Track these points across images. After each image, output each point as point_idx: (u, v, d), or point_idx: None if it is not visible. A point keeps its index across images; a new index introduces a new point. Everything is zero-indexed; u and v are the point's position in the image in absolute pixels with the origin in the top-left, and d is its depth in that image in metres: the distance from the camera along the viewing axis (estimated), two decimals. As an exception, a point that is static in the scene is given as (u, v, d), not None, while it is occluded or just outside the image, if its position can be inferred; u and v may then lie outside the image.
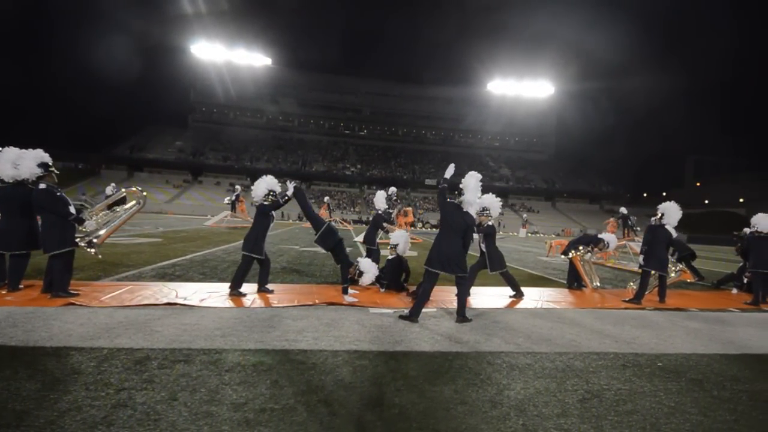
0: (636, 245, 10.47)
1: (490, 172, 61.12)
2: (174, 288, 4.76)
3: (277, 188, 4.75)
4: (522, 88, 61.39)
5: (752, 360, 3.37)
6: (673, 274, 5.97)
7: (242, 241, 4.67)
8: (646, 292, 5.78)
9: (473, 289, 5.53)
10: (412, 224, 19.29)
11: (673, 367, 3.06)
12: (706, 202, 52.73)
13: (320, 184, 54.34)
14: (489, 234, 5.30)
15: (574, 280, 6.52)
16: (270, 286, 5.05)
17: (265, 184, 4.66)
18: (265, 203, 4.60)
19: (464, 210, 3.97)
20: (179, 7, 56.30)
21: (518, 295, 5.42)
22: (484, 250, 5.37)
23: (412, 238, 15.31)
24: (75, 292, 4.18)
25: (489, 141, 67.79)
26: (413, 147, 64.86)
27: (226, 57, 56.72)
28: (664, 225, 5.70)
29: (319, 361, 2.77)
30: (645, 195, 66.06)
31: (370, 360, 2.84)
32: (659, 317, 4.80)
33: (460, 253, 3.94)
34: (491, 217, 5.33)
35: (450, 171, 4.26)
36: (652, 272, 5.64)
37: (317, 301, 4.48)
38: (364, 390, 2.36)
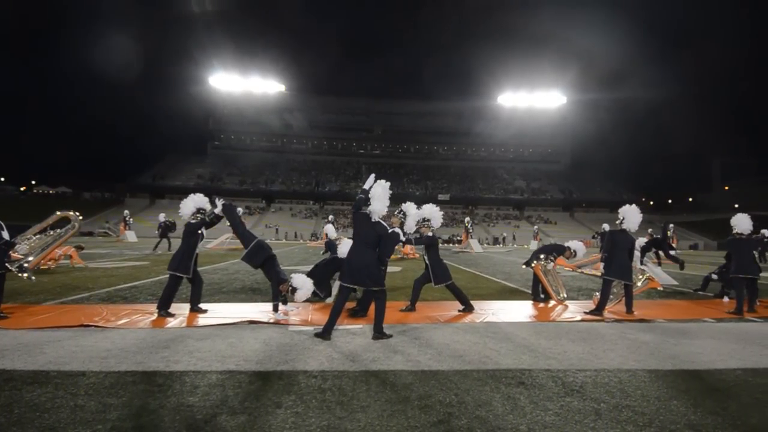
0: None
1: (505, 185, 60.16)
2: (107, 309, 4.78)
3: (207, 206, 4.74)
4: (533, 99, 60.59)
5: (683, 377, 2.99)
6: (639, 283, 5.52)
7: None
8: (610, 304, 5.38)
9: (420, 304, 5.29)
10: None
11: (579, 385, 2.75)
12: (736, 206, 49.74)
13: (333, 204, 54.92)
14: (430, 245, 5.10)
15: (540, 292, 6.15)
16: (207, 305, 4.99)
17: (193, 203, 4.66)
18: (192, 221, 4.59)
19: (373, 220, 3.81)
20: (198, 42, 59.62)
21: (467, 309, 5.14)
22: (427, 262, 5.16)
23: (404, 252, 15.11)
24: (3, 315, 4.24)
25: (502, 153, 67.05)
26: (425, 163, 64.86)
27: (242, 85, 59.06)
28: (624, 230, 5.32)
29: (180, 382, 2.64)
30: (670, 201, 63.02)
31: (238, 381, 2.69)
32: (611, 329, 4.41)
33: (372, 265, 3.76)
34: (432, 227, 5.14)
35: (369, 182, 4.12)
36: (615, 281, 5.25)
37: (241, 320, 4.37)
38: (197, 413, 2.21)
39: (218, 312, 4.81)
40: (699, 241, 40.15)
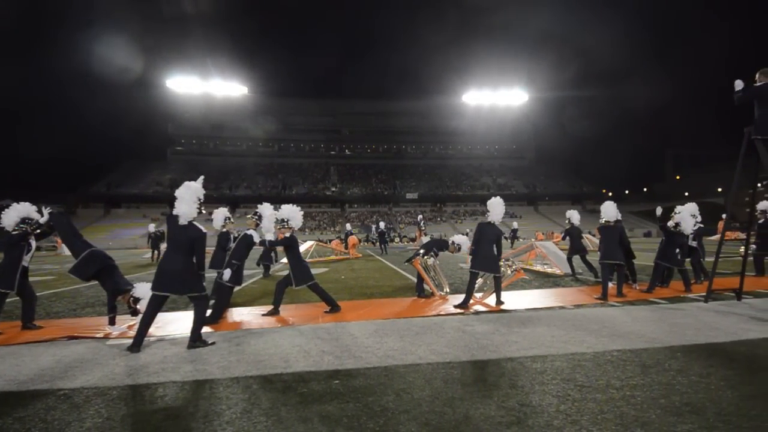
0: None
1: (472, 181, 61.12)
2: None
3: (35, 216, 4.41)
4: (497, 97, 61.65)
5: (469, 367, 2.96)
6: (509, 272, 5.58)
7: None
8: (482, 295, 5.41)
9: (288, 306, 5.15)
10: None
11: (346, 386, 2.66)
12: (686, 194, 52.46)
13: (301, 206, 53.85)
14: (288, 246, 4.97)
15: (425, 287, 6.13)
16: (53, 321, 4.68)
17: (16, 213, 4.31)
18: (14, 233, 4.26)
19: (181, 224, 3.63)
20: (153, 42, 57.38)
21: (333, 310, 5.04)
22: (288, 264, 5.02)
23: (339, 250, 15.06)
24: None
25: (469, 151, 68.11)
26: (394, 163, 65.03)
27: (203, 88, 57.08)
28: (491, 222, 5.37)
29: None
30: (627, 192, 65.92)
31: (-34, 406, 2.46)
32: (457, 322, 4.40)
33: (185, 270, 3.58)
34: (292, 228, 5.02)
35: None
36: (481, 273, 5.28)
37: (60, 336, 4.09)
38: None
39: (53, 328, 4.49)
40: (652, 229, 41.99)
